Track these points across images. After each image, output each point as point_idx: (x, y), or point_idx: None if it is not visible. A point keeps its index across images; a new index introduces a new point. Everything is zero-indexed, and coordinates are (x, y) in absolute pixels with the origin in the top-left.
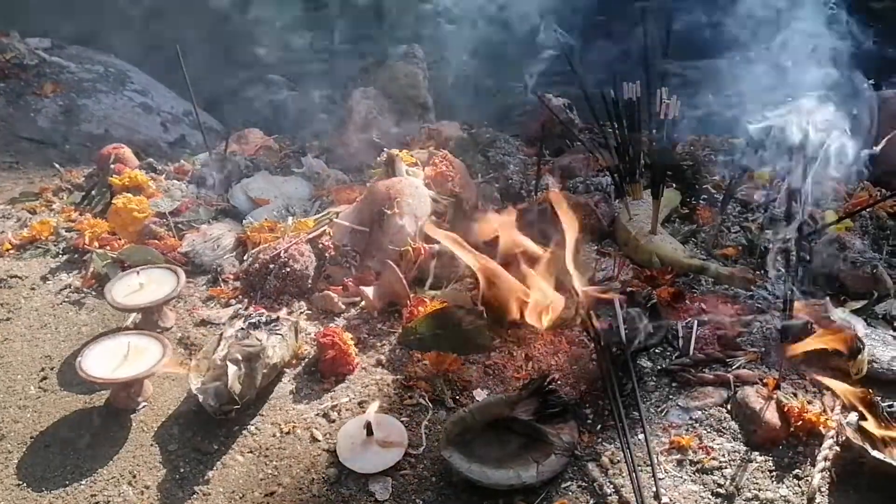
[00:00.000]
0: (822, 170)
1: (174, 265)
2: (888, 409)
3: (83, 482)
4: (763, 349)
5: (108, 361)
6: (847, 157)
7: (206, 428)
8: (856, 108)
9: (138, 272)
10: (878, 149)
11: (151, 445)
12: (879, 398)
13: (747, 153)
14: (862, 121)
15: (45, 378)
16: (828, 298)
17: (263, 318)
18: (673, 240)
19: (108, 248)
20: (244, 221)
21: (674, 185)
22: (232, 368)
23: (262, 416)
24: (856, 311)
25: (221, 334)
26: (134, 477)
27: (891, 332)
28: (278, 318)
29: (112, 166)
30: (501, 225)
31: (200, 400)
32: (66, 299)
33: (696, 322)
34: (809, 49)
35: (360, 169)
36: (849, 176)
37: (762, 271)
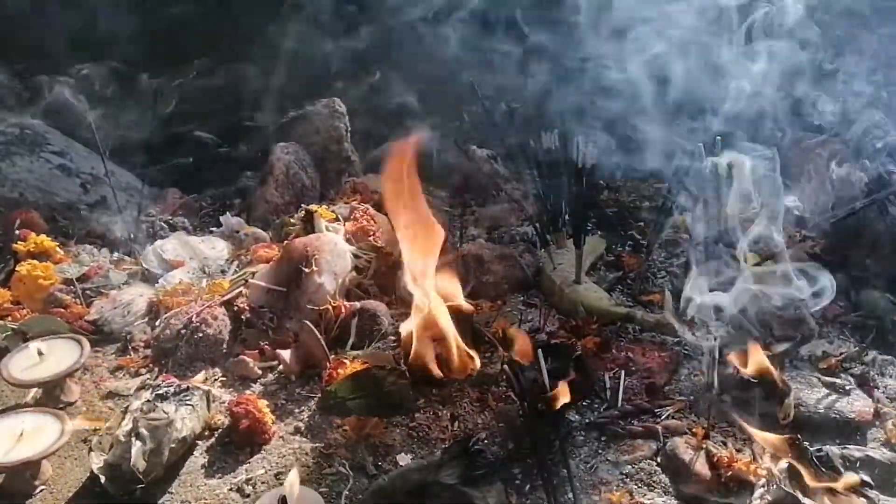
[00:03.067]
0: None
1: (79, 334)
2: (817, 455)
3: None
4: (692, 397)
5: (0, 443)
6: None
7: None
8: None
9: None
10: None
11: None
12: (808, 444)
13: (671, 197)
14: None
15: None
16: None
17: (172, 389)
18: (598, 288)
19: (9, 318)
20: (157, 285)
21: (598, 232)
22: (136, 445)
23: (171, 493)
24: (780, 354)
25: (127, 407)
26: None
27: (816, 373)
28: (188, 387)
29: (17, 232)
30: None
31: (102, 481)
32: None
33: (623, 372)
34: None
35: (280, 226)
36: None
37: (688, 317)
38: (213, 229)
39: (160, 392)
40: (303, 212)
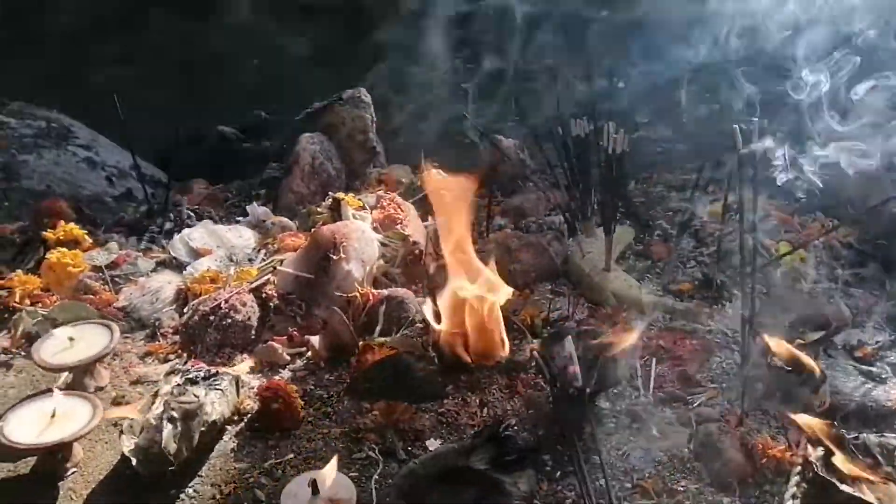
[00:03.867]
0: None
1: (108, 320)
2: (854, 442)
3: None
4: (724, 385)
5: (33, 425)
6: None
7: (140, 493)
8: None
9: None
10: None
11: None
12: (844, 431)
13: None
14: None
15: None
16: None
17: (202, 373)
18: (628, 276)
19: (39, 305)
20: (185, 272)
21: (627, 221)
22: (167, 427)
23: (201, 476)
24: (815, 342)
25: (157, 391)
26: None
27: (851, 362)
28: (218, 372)
29: (46, 220)
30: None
31: (133, 463)
32: None
33: (654, 360)
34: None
35: (307, 215)
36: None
37: (719, 305)
38: (240, 219)
39: (190, 376)
40: (330, 199)
